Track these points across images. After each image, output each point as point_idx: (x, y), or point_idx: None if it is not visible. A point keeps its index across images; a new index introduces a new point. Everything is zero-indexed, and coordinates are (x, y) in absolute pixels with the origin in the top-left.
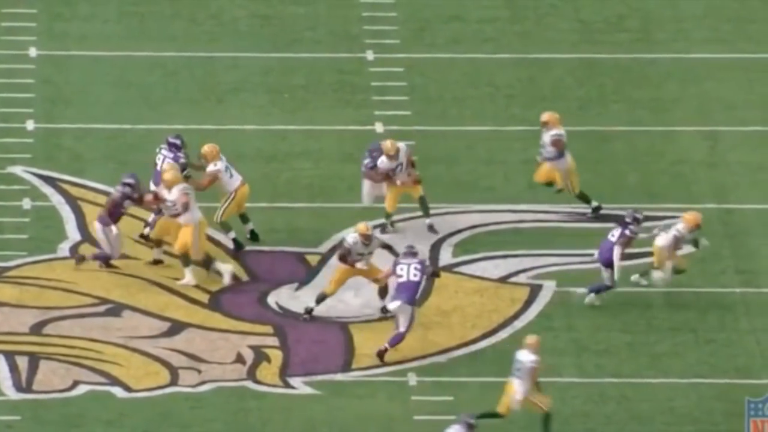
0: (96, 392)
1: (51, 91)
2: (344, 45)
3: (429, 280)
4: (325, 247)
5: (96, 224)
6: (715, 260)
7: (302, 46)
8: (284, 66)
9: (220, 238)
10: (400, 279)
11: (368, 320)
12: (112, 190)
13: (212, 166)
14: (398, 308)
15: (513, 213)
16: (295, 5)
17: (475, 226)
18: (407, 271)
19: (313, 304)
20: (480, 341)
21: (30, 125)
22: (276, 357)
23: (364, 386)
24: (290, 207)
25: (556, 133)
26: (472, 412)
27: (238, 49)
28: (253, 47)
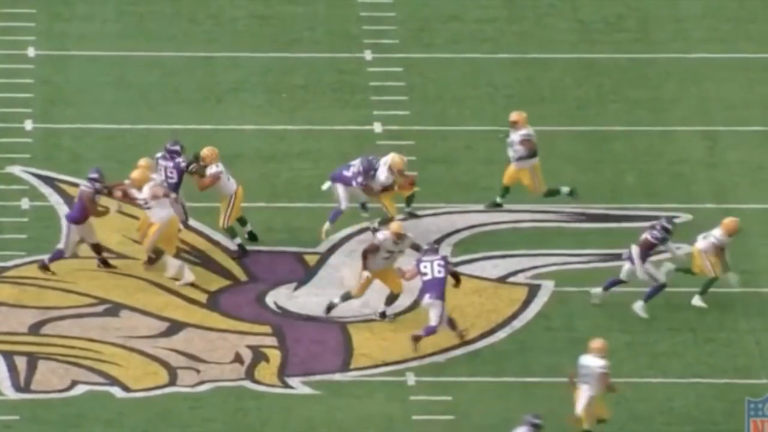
0: (95, 392)
1: (50, 91)
2: (343, 45)
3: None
4: (323, 247)
5: (65, 222)
6: None
7: (301, 46)
8: (283, 66)
9: (219, 238)
10: (425, 277)
11: (367, 320)
12: (82, 188)
13: (214, 168)
14: (429, 303)
15: (511, 213)
16: (294, 5)
17: (474, 226)
18: (431, 268)
19: (337, 300)
20: (479, 341)
21: (29, 125)
22: (274, 357)
23: (363, 386)
24: (289, 207)
25: (526, 133)
26: (536, 412)
27: (237, 49)
28: (252, 47)
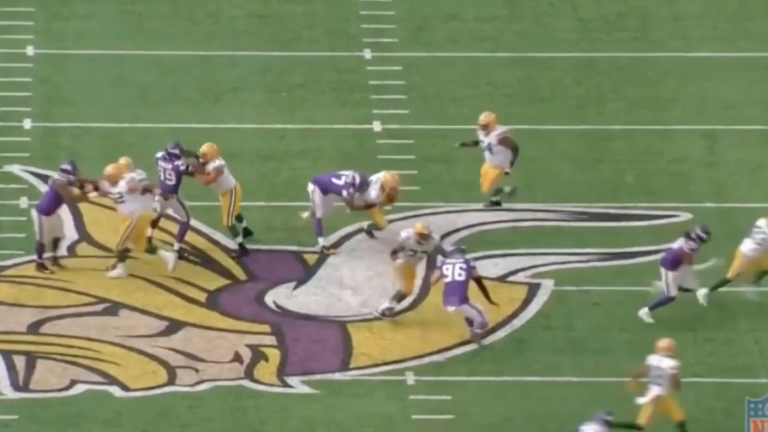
0: (93, 391)
1: (48, 89)
2: (342, 44)
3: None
4: (322, 248)
5: (35, 213)
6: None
7: (300, 45)
8: (282, 65)
9: (218, 237)
10: (446, 279)
11: (366, 319)
12: (54, 177)
13: (217, 161)
14: (456, 311)
15: (511, 212)
16: (293, 4)
17: (473, 225)
18: (452, 270)
19: (392, 304)
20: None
21: (27, 124)
22: (274, 356)
23: (362, 385)
24: (288, 206)
25: (503, 131)
26: (608, 410)
27: (236, 47)
28: (251, 46)
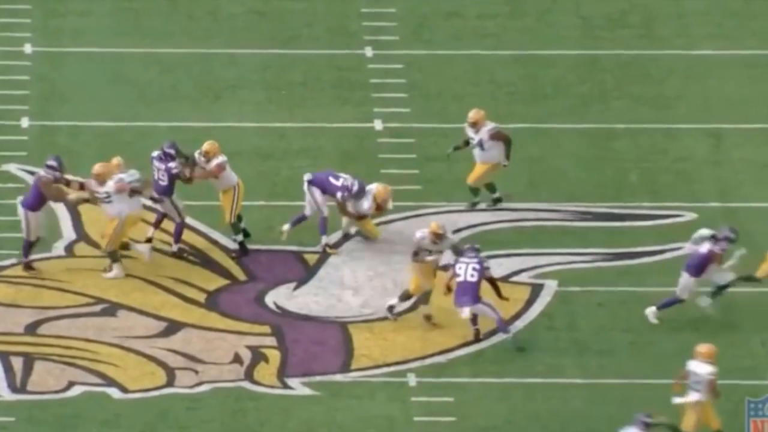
0: (91, 393)
1: (46, 87)
2: (343, 41)
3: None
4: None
5: (22, 209)
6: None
7: (300, 43)
8: (282, 63)
9: (218, 236)
10: (458, 278)
11: (368, 320)
12: (40, 173)
13: (219, 158)
14: (472, 311)
15: (514, 212)
16: (293, 1)
17: (476, 225)
18: (465, 270)
19: (427, 311)
20: (481, 341)
21: (25, 122)
22: (274, 357)
23: (363, 387)
24: (288, 205)
25: (494, 126)
26: (647, 411)
27: (236, 45)
28: (250, 43)
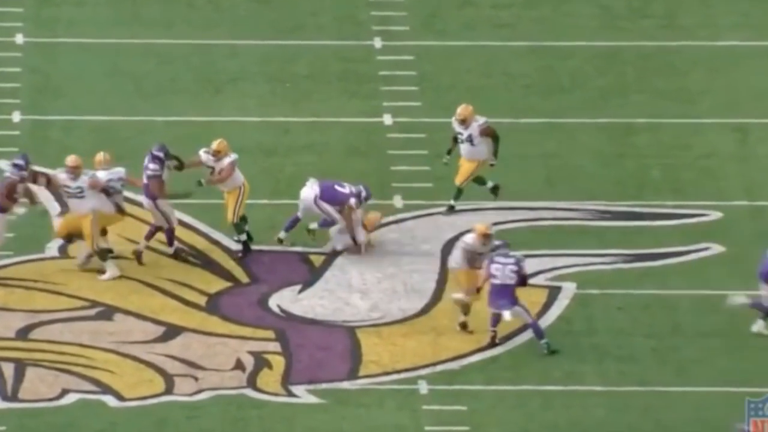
0: (86, 401)
1: (39, 80)
2: (350, 31)
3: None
4: (329, 246)
5: None
6: (745, 260)
7: (305, 33)
8: (286, 54)
9: (219, 237)
10: (494, 280)
11: (376, 324)
12: (6, 172)
13: (231, 156)
14: (512, 314)
15: (530, 211)
16: None
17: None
18: (503, 272)
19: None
20: (495, 347)
21: (16, 117)
22: (278, 363)
23: (372, 395)
24: (293, 204)
25: (485, 121)
26: (742, 423)
27: (238, 35)
28: (253, 34)
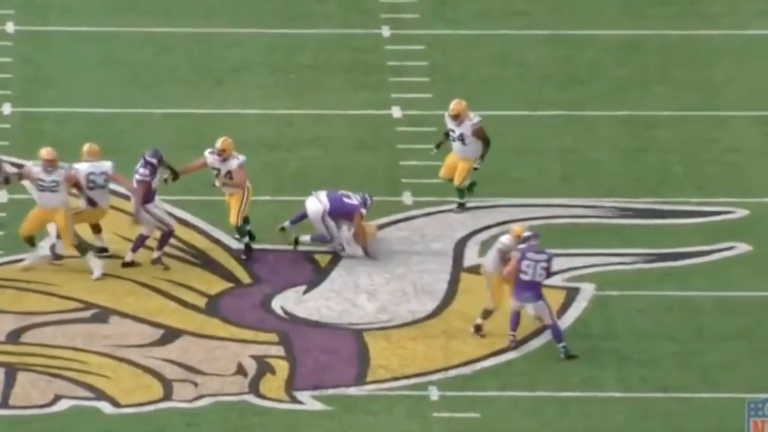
0: (80, 407)
1: (30, 70)
2: (357, 19)
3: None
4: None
5: None
6: None
7: (310, 21)
8: (290, 43)
9: (219, 235)
10: (524, 276)
11: (385, 327)
12: None
13: (240, 157)
14: (536, 309)
15: (546, 208)
16: None
17: (504, 222)
18: (534, 269)
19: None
20: (510, 351)
21: (6, 109)
22: (281, 368)
23: (380, 401)
24: (297, 200)
25: (477, 121)
26: None
27: (239, 23)
28: (255, 22)
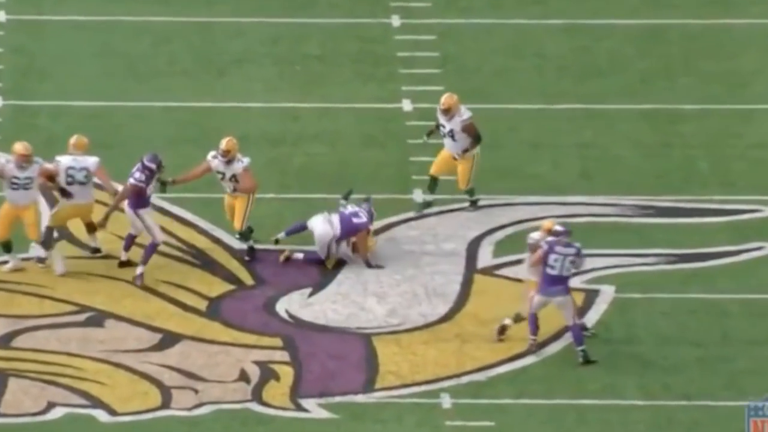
0: (75, 415)
1: (23, 61)
2: (366, 8)
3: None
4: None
5: None
6: None
7: (317, 10)
8: (295, 33)
9: (220, 234)
10: (551, 271)
11: (395, 331)
12: None
13: (245, 159)
14: (561, 303)
15: (564, 206)
16: None
17: (520, 221)
18: (561, 264)
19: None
20: (526, 356)
21: None
22: (286, 374)
23: (390, 409)
24: (302, 198)
25: (468, 117)
26: None
27: (242, 12)
28: (259, 11)
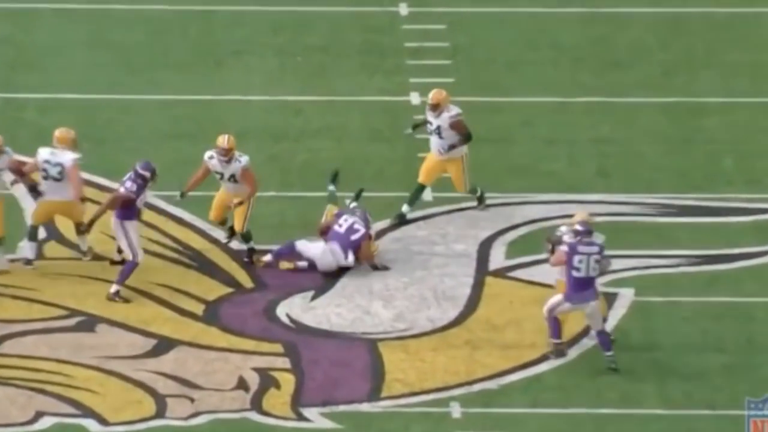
0: (64, 425)
1: (10, 52)
2: None
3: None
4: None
5: None
6: None
7: None
8: (298, 22)
9: (218, 234)
10: (576, 273)
11: (402, 337)
12: None
13: (243, 158)
14: (591, 310)
15: (581, 204)
16: None
17: (535, 221)
18: (587, 264)
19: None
20: (540, 363)
21: None
22: (287, 382)
23: (396, 419)
24: (305, 196)
25: (456, 113)
26: None
27: (241, 1)
28: None
